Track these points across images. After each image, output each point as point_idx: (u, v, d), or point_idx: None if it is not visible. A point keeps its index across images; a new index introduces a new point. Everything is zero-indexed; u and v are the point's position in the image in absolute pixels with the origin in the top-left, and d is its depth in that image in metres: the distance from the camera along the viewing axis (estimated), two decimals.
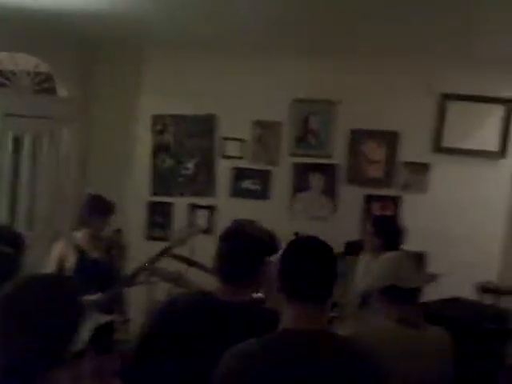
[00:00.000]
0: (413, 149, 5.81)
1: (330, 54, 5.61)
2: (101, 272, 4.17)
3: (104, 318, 4.08)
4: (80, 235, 4.24)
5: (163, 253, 4.24)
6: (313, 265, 1.96)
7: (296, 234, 5.21)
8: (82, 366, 4.04)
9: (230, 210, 5.91)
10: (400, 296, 2.51)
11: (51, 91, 6.01)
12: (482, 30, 4.35)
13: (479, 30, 4.36)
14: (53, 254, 4.19)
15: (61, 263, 4.13)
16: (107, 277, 4.19)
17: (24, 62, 5.47)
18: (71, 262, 4.12)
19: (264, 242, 2.40)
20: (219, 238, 2.38)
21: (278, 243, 4.41)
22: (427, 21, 4.18)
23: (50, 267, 4.10)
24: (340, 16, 4.24)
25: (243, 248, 2.32)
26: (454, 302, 4.61)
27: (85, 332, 4.05)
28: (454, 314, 2.76)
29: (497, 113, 5.74)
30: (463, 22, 4.15)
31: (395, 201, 5.82)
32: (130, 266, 4.55)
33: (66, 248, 4.16)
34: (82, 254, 4.15)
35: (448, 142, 5.77)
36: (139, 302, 4.53)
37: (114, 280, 4.19)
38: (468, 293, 5.05)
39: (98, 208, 4.18)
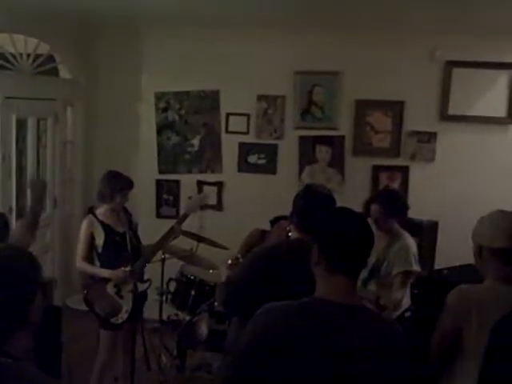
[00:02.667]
0: (419, 118, 5.78)
1: (332, 26, 5.55)
2: (128, 244, 4.26)
3: (142, 287, 4.27)
4: (102, 211, 4.33)
5: (181, 221, 4.46)
6: (354, 240, 2.02)
7: None
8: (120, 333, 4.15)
9: (238, 185, 5.91)
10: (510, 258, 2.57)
11: (53, 73, 5.98)
12: None
13: None
14: (81, 233, 4.30)
15: (91, 240, 4.25)
16: (134, 248, 4.30)
17: (23, 44, 5.42)
18: (101, 238, 4.24)
19: (333, 198, 2.86)
20: (295, 197, 2.89)
21: None
22: None
23: (81, 245, 4.24)
24: None
25: (319, 204, 2.74)
26: (466, 268, 4.60)
27: (128, 301, 4.21)
28: (468, 283, 2.77)
29: (502, 78, 5.68)
30: None
31: (403, 170, 5.80)
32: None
33: (93, 225, 4.27)
34: (108, 229, 4.26)
35: (454, 109, 5.73)
36: (152, 279, 4.54)
37: (140, 251, 4.36)
38: None
39: (118, 184, 4.27)
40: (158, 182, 6.12)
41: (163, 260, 4.83)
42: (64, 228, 6.04)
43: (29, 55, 5.48)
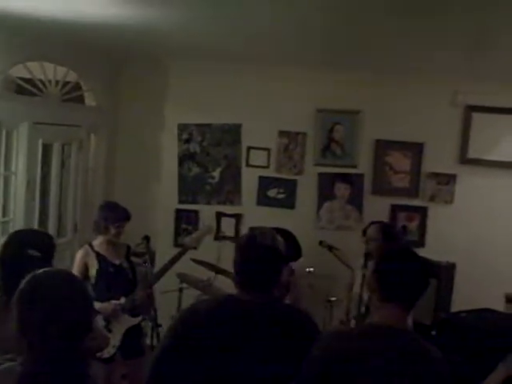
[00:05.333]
0: (438, 159, 5.83)
1: (355, 65, 5.64)
2: (123, 277, 4.28)
3: (132, 321, 4.16)
4: (98, 242, 4.33)
5: (181, 254, 4.36)
6: (409, 274, 2.20)
7: (320, 242, 5.24)
8: (113, 370, 4.11)
9: (256, 218, 5.94)
10: None
11: (79, 100, 6.09)
12: (507, 43, 4.34)
13: (503, 43, 4.35)
14: (76, 262, 4.30)
15: (84, 271, 4.23)
16: (129, 281, 4.30)
17: (53, 71, 5.54)
18: (94, 268, 4.22)
19: (278, 251, 2.42)
20: (235, 247, 2.47)
21: (297, 249, 4.47)
22: (451, 36, 4.20)
23: None
24: (364, 30, 4.26)
25: (258, 259, 2.37)
26: (484, 313, 4.60)
27: (116, 336, 4.14)
28: (486, 327, 2.79)
29: None
30: (487, 36, 4.16)
31: (421, 211, 5.83)
32: None
33: (87, 256, 4.27)
34: (103, 260, 4.25)
35: (474, 153, 5.78)
36: (169, 308, 4.57)
37: (136, 284, 4.31)
38: (496, 303, 5.04)
39: (113, 215, 4.26)
40: (178, 212, 6.18)
41: (180, 290, 4.87)
42: None
43: (57, 82, 5.60)
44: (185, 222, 6.15)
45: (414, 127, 5.82)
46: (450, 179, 5.79)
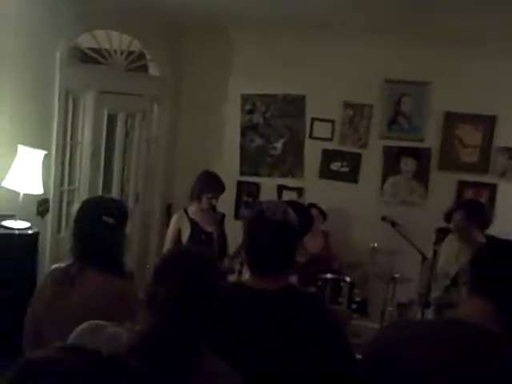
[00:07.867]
0: (511, 134, 5.55)
1: (425, 35, 5.40)
2: (213, 245, 4.36)
3: None
4: (193, 209, 4.47)
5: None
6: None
7: (383, 217, 5.12)
8: None
9: (318, 191, 5.85)
10: None
11: (143, 70, 6.11)
12: None
13: None
14: (171, 226, 4.48)
15: (178, 234, 4.41)
16: (220, 249, 4.39)
17: (118, 41, 5.56)
18: (186, 234, 4.39)
19: (291, 226, 2.09)
20: (244, 225, 2.14)
21: (310, 220, 4.44)
22: None
23: (168, 239, 4.41)
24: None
25: (269, 237, 2.06)
26: None
27: None
28: None
29: None
30: None
31: (490, 188, 5.59)
32: None
33: (182, 221, 4.43)
34: (195, 227, 4.39)
35: None
36: None
37: (226, 253, 4.45)
38: None
39: (208, 186, 4.40)
40: (239, 184, 6.15)
41: None
42: (143, 223, 6.14)
43: (122, 52, 5.61)
44: (246, 194, 6.12)
45: (486, 99, 5.54)
46: None
